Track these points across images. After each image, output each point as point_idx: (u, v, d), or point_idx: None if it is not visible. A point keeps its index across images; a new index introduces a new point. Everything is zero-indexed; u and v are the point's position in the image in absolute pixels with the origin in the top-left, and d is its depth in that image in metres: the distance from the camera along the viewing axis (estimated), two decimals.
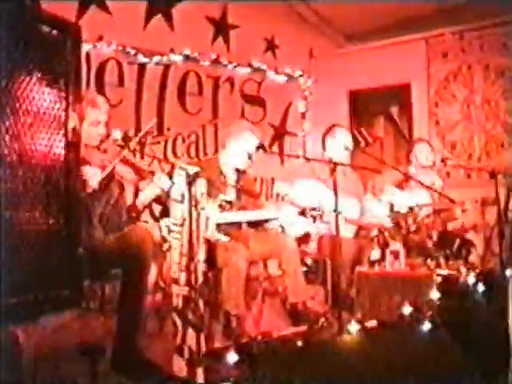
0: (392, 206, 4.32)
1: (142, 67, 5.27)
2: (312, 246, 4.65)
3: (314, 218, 4.44)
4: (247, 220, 4.16)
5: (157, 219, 4.99)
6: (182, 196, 3.28)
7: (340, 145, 4.59)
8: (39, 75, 1.56)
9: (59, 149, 1.62)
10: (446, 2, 5.53)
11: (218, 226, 3.94)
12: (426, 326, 3.22)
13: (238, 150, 4.28)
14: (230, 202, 4.17)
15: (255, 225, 4.35)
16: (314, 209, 4.27)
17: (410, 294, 3.87)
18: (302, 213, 4.31)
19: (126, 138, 3.69)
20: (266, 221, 4.32)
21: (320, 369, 2.65)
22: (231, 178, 4.34)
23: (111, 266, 3.55)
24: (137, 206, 3.73)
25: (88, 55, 4.86)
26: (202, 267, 3.36)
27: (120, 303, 3.50)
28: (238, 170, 4.36)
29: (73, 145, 1.67)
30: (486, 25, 5.65)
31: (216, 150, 5.56)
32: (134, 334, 3.43)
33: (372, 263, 4.33)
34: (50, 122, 1.60)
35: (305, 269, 4.61)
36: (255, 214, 4.24)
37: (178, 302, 3.35)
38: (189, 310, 3.28)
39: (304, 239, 4.69)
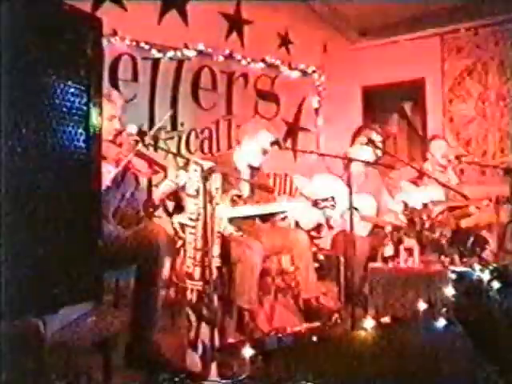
0: (406, 203, 4.31)
1: (155, 62, 5.28)
2: (325, 242, 4.64)
3: (326, 208, 4.43)
4: (258, 213, 4.18)
5: (170, 214, 5.03)
6: (197, 191, 3.29)
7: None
8: (61, 67, 1.56)
9: (81, 142, 1.62)
10: None
11: (231, 220, 3.98)
12: (441, 323, 3.21)
13: (253, 147, 4.28)
14: (240, 197, 4.19)
15: (267, 219, 4.36)
16: (326, 199, 4.26)
17: (423, 291, 3.86)
18: (315, 204, 4.30)
19: (142, 133, 3.70)
20: (278, 214, 4.32)
21: (334, 365, 2.65)
22: (245, 173, 4.34)
23: (126, 262, 3.56)
24: (153, 200, 3.74)
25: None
26: (216, 262, 3.38)
27: (134, 298, 3.51)
28: (251, 167, 4.36)
29: (94, 138, 1.67)
30: (501, 21, 5.61)
31: (229, 146, 5.57)
32: (148, 328, 3.44)
33: (386, 259, 4.32)
34: (72, 116, 1.60)
35: (317, 265, 4.61)
36: (266, 207, 4.24)
37: (192, 296, 3.38)
38: (203, 305, 3.29)
39: (316, 233, 4.68)
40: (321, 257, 4.81)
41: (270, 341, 3.64)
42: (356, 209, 3.70)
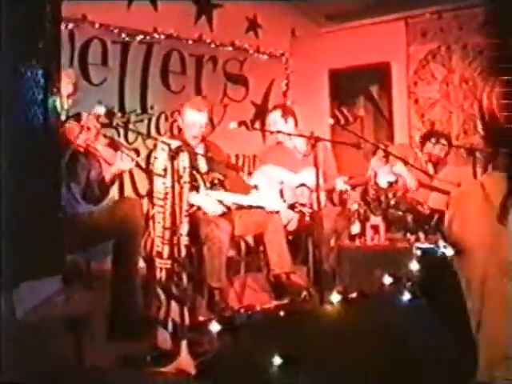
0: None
1: (125, 46, 5.29)
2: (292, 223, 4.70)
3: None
4: (234, 201, 4.25)
5: (140, 195, 5.07)
6: (165, 170, 3.33)
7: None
8: (17, 50, 1.58)
9: (40, 121, 1.64)
10: None
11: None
12: (406, 297, 3.30)
13: (187, 125, 4.35)
14: (221, 181, 4.26)
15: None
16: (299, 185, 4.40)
17: (389, 267, 3.95)
18: (292, 207, 4.43)
19: (110, 114, 3.73)
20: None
21: (301, 340, 2.71)
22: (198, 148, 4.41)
23: (102, 239, 3.63)
24: (105, 179, 3.77)
25: (72, 34, 4.87)
26: (184, 240, 3.42)
27: (114, 274, 3.58)
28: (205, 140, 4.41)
29: (53, 116, 1.69)
30: (465, 5, 5.71)
31: None
32: (133, 298, 3.51)
33: (353, 237, 4.41)
34: (30, 96, 1.62)
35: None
36: (243, 199, 4.31)
37: (161, 275, 3.42)
38: (172, 284, 3.34)
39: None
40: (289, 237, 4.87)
41: (239, 318, 3.72)
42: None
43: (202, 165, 4.35)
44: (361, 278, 4.13)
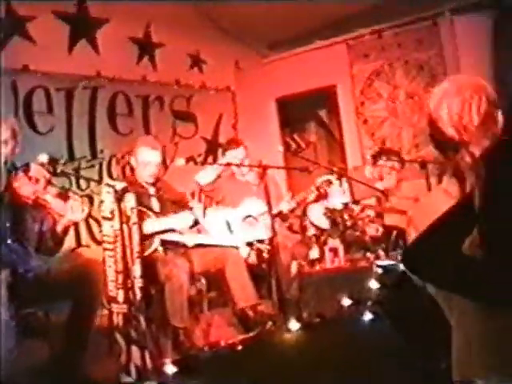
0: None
1: (69, 92, 5.26)
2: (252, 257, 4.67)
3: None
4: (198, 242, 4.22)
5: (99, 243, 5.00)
6: (112, 213, 3.29)
7: None
8: None
9: None
10: (365, 4, 5.69)
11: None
12: (367, 317, 3.27)
13: (142, 164, 4.32)
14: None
15: None
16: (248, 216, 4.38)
17: (350, 288, 3.94)
18: (250, 244, 4.43)
19: (53, 161, 3.69)
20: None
21: (263, 371, 2.67)
22: (150, 189, 4.37)
23: (61, 297, 3.56)
24: (58, 231, 3.71)
25: (14, 83, 4.83)
26: (139, 283, 3.37)
27: (69, 329, 3.49)
28: (149, 182, 4.39)
29: None
30: (402, 23, 5.83)
31: None
32: (81, 357, 3.42)
33: (312, 262, 4.39)
34: None
35: None
36: (205, 238, 4.29)
37: (118, 320, 3.35)
38: (131, 328, 3.28)
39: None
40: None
41: (203, 356, 3.66)
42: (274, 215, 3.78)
43: (155, 205, 4.31)
44: (325, 303, 4.11)
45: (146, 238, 3.87)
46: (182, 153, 5.67)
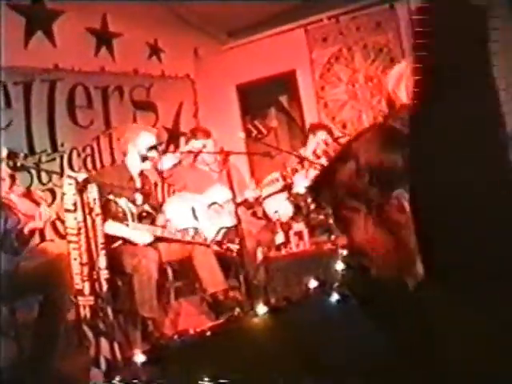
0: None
1: (27, 86, 5.17)
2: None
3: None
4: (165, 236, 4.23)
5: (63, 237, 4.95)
6: (75, 205, 3.27)
7: None
8: None
9: None
10: None
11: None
12: (334, 298, 3.31)
13: (135, 154, 4.29)
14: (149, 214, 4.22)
15: None
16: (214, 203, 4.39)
17: (316, 271, 3.98)
18: (219, 244, 4.44)
19: (12, 155, 3.64)
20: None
21: (233, 358, 2.68)
22: (137, 181, 4.36)
23: (28, 294, 3.54)
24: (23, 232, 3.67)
25: None
26: (104, 274, 3.36)
27: (37, 326, 3.47)
28: (142, 174, 4.38)
29: None
30: (359, 7, 5.86)
31: (113, 160, 5.54)
32: (52, 353, 3.41)
33: (278, 247, 4.42)
34: None
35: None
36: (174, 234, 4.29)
37: (85, 312, 3.34)
38: (98, 320, 3.27)
39: None
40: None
41: (172, 345, 3.66)
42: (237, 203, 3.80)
43: (138, 197, 4.31)
44: (292, 287, 4.14)
45: None
46: None
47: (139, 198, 4.30)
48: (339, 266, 3.67)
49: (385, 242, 1.19)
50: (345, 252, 4.04)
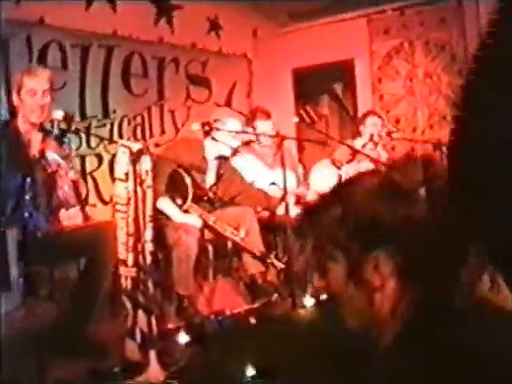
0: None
1: (85, 49, 5.17)
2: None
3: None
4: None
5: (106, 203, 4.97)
6: (126, 174, 3.23)
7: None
8: None
9: None
10: None
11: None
12: None
13: (225, 137, 4.26)
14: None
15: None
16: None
17: None
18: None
19: (68, 118, 3.63)
20: None
21: (273, 346, 2.65)
22: (212, 164, 4.36)
23: (72, 259, 3.53)
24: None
25: (29, 38, 4.74)
26: (149, 247, 3.33)
27: (77, 290, 3.47)
28: (221, 157, 4.36)
29: None
30: (426, 1, 5.72)
31: (162, 131, 5.55)
32: (88, 317, 3.41)
33: None
34: None
35: None
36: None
37: (126, 283, 3.32)
38: (138, 292, 3.25)
39: None
40: None
41: (209, 325, 3.64)
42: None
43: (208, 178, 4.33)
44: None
45: None
46: (193, 117, 5.61)
47: (209, 179, 4.26)
48: None
49: (358, 298, 1.15)
50: None
